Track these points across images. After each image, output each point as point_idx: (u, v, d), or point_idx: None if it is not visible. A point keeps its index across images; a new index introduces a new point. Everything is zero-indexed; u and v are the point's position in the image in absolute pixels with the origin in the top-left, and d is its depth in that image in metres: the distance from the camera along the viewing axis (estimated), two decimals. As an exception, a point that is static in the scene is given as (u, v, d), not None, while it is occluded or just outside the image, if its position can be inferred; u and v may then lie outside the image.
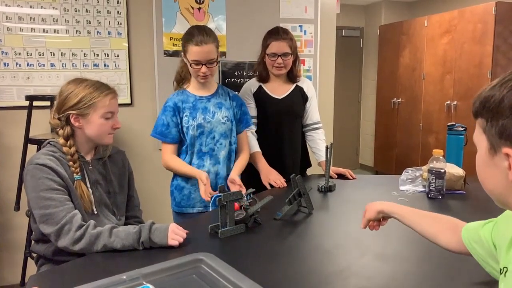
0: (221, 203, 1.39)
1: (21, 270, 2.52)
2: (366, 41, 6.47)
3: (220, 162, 1.91)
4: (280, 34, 2.12)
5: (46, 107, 2.61)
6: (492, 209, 1.78)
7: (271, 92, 2.21)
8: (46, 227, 1.30)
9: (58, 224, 1.29)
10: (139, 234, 1.29)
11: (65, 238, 1.29)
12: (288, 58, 2.12)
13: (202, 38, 1.77)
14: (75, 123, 1.43)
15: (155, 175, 2.95)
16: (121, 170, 1.61)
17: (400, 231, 1.48)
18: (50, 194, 1.31)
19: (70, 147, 1.42)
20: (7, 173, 2.70)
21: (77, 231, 1.29)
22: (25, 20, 2.68)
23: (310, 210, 1.64)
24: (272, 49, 2.11)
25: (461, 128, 2.21)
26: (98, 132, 1.46)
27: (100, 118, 1.44)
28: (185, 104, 1.88)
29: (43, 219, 1.30)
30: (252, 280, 0.91)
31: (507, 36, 4.22)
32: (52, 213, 1.30)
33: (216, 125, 1.89)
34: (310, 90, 2.28)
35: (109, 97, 1.46)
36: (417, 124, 5.33)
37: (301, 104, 2.26)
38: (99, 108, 1.43)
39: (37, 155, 1.37)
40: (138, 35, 2.94)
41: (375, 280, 1.10)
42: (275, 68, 2.14)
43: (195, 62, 1.80)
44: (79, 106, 1.41)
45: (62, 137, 1.42)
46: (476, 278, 1.10)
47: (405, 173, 2.04)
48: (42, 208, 1.30)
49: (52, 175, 1.33)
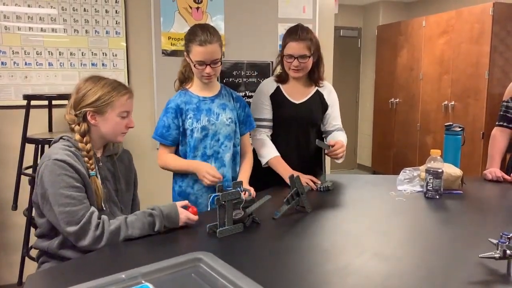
0: (220, 202, 1.39)
1: (19, 269, 2.52)
2: (364, 41, 6.48)
3: (226, 164, 1.87)
4: (298, 34, 1.95)
5: (44, 106, 2.61)
6: (489, 209, 1.80)
7: (289, 96, 2.08)
8: (66, 226, 1.31)
9: (78, 224, 1.31)
10: (153, 224, 1.39)
11: (86, 238, 1.31)
12: (306, 60, 1.97)
13: (206, 37, 1.72)
14: (91, 121, 1.45)
15: (153, 175, 2.94)
16: (128, 168, 1.64)
17: (398, 230, 1.49)
18: (69, 192, 1.32)
19: (86, 144, 1.43)
20: (4, 173, 2.70)
21: (96, 230, 1.31)
22: (23, 19, 2.67)
23: (308, 209, 1.64)
24: (288, 50, 1.97)
25: (459, 128, 2.21)
26: (113, 130, 1.48)
27: (117, 117, 1.47)
28: (188, 106, 1.82)
29: (61, 216, 1.31)
30: (251, 278, 0.91)
31: (504, 37, 4.24)
32: (71, 211, 1.31)
33: (220, 127, 1.85)
34: (331, 96, 2.15)
35: (126, 96, 1.48)
36: (414, 124, 5.34)
37: (319, 113, 2.13)
38: (116, 107, 1.46)
39: (54, 150, 1.37)
40: (136, 34, 2.94)
41: (373, 278, 1.10)
42: (291, 70, 2.01)
43: (199, 62, 1.75)
44: (97, 104, 1.43)
45: (78, 133, 1.44)
46: (474, 278, 1.10)
47: (403, 173, 2.05)
48: (61, 206, 1.31)
49: (71, 172, 1.34)
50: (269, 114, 2.08)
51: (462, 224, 1.55)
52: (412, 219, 1.61)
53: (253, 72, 3.24)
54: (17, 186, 2.45)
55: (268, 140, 2.07)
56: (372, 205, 1.76)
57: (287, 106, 2.08)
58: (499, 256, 1.10)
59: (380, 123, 6.07)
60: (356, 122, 6.68)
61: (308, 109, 2.10)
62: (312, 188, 1.97)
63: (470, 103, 4.48)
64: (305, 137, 2.13)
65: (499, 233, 1.15)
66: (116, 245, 1.34)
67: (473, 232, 1.45)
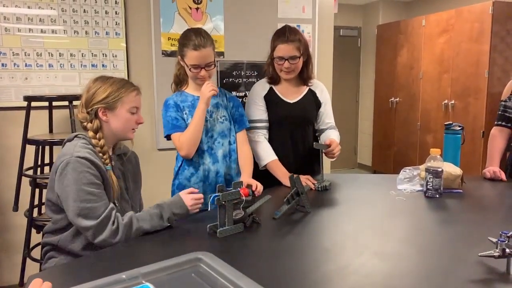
0: (220, 202, 1.40)
1: (20, 270, 2.52)
2: (364, 41, 6.48)
3: (219, 160, 1.91)
4: (287, 36, 1.97)
5: (45, 107, 2.61)
6: (488, 208, 1.80)
7: (283, 96, 2.10)
8: (85, 221, 1.34)
9: (98, 218, 1.35)
10: (161, 214, 1.44)
11: (104, 232, 1.35)
12: (296, 61, 2.00)
13: (200, 41, 1.77)
14: (102, 117, 1.50)
15: (154, 175, 2.95)
16: (135, 169, 1.69)
17: (398, 229, 1.49)
18: (91, 189, 1.36)
19: (99, 139, 1.48)
20: (5, 174, 2.70)
21: (112, 225, 1.36)
22: (23, 21, 2.68)
23: (308, 209, 1.65)
24: (278, 52, 1.99)
25: (458, 127, 2.21)
26: (123, 126, 1.53)
27: (127, 113, 1.52)
28: (184, 104, 1.88)
29: (83, 212, 1.34)
30: (251, 278, 0.91)
31: (504, 36, 4.24)
32: (92, 208, 1.35)
33: (214, 124, 1.90)
34: (323, 95, 2.17)
35: (135, 92, 1.55)
36: (414, 123, 5.34)
37: (313, 110, 2.15)
38: (126, 102, 1.51)
39: (74, 148, 1.41)
40: (136, 35, 2.95)
41: (373, 278, 1.11)
42: (283, 72, 2.04)
43: (194, 66, 1.80)
44: (108, 100, 1.49)
45: (91, 130, 1.49)
46: (474, 276, 1.10)
47: (403, 172, 2.05)
48: (83, 202, 1.34)
49: (93, 169, 1.38)
50: (264, 115, 2.09)
51: (462, 223, 1.55)
52: (412, 218, 1.62)
53: (253, 72, 3.24)
54: (18, 187, 2.45)
55: (265, 142, 2.08)
56: (372, 205, 1.76)
57: (281, 105, 2.10)
58: (499, 255, 1.10)
59: (380, 123, 6.07)
60: (356, 121, 6.68)
61: (302, 107, 2.12)
62: (311, 187, 1.98)
63: (470, 102, 4.48)
64: (301, 135, 2.14)
65: (498, 232, 1.15)
66: (117, 246, 1.35)
67: (472, 231, 1.46)
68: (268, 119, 2.10)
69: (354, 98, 6.63)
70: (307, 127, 2.17)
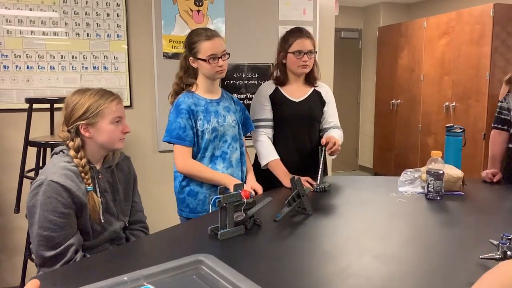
0: (221, 205, 1.40)
1: (21, 272, 2.52)
2: (365, 43, 6.49)
3: (233, 165, 1.91)
4: (303, 32, 2.06)
5: (46, 109, 2.62)
6: (490, 210, 1.80)
7: (289, 95, 2.12)
8: (40, 249, 1.31)
9: (53, 250, 1.30)
10: None
11: (54, 266, 1.31)
12: (313, 56, 2.06)
13: (211, 32, 1.83)
14: (85, 134, 1.43)
15: (155, 178, 2.96)
16: (127, 177, 1.63)
17: (399, 231, 1.49)
18: (53, 217, 1.30)
19: (81, 159, 1.41)
20: (7, 176, 2.71)
21: (65, 264, 1.31)
22: (24, 23, 2.69)
23: (309, 211, 1.65)
24: (297, 46, 2.02)
25: (460, 129, 2.21)
26: (109, 138, 1.46)
27: (110, 124, 1.45)
28: (198, 107, 1.85)
29: (39, 239, 1.31)
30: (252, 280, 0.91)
31: (505, 38, 4.24)
32: (48, 237, 1.30)
33: (228, 128, 1.90)
34: (328, 95, 2.21)
35: (115, 102, 1.47)
36: (415, 125, 5.34)
37: (319, 109, 2.17)
38: (106, 114, 1.44)
39: (52, 169, 1.36)
40: (138, 37, 2.95)
41: (374, 280, 1.11)
42: (300, 67, 2.04)
43: (211, 56, 1.80)
44: (87, 115, 1.42)
45: (72, 149, 1.42)
46: (475, 279, 1.10)
47: (404, 174, 2.05)
48: (41, 228, 1.30)
49: (62, 196, 1.32)
50: (269, 114, 2.11)
51: (463, 225, 1.55)
52: (413, 221, 1.62)
53: (253, 75, 3.25)
54: (19, 189, 2.46)
55: (268, 142, 2.08)
56: (373, 207, 1.76)
57: (287, 104, 2.11)
58: (500, 257, 1.10)
59: (381, 125, 6.07)
60: (357, 123, 6.68)
61: (308, 106, 2.14)
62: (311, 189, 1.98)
63: (471, 104, 4.48)
64: (306, 134, 2.15)
65: (500, 234, 1.15)
66: (118, 248, 1.35)
67: (474, 233, 1.45)
68: (273, 118, 2.11)
69: (355, 100, 6.64)
70: (313, 126, 2.18)
